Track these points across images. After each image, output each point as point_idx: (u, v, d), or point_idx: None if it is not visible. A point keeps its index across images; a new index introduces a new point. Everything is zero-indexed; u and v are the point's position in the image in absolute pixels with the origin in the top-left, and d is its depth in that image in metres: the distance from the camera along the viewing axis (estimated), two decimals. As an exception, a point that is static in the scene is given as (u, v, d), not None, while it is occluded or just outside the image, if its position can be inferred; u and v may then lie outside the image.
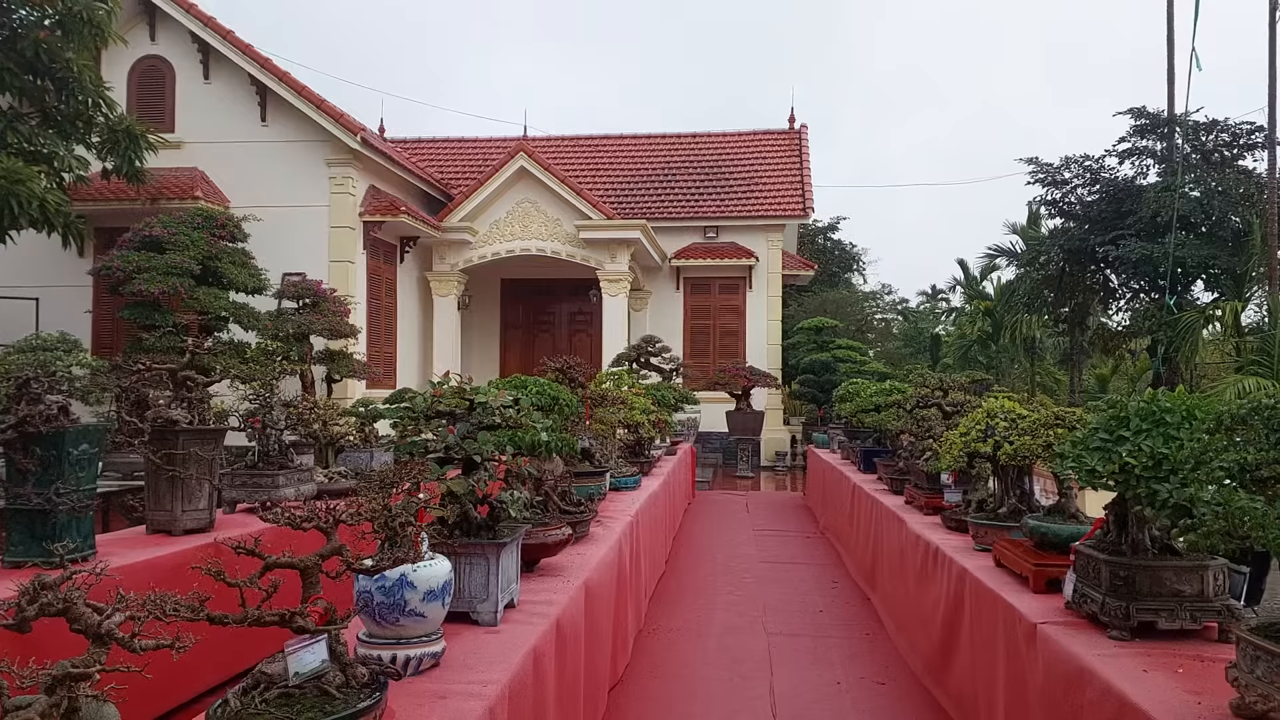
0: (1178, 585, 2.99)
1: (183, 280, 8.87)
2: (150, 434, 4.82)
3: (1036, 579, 3.63)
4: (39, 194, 10.07)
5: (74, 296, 14.29)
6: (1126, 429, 2.94)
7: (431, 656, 2.63)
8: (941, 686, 4.70)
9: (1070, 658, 2.89)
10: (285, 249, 13.91)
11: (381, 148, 15.98)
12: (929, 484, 6.00)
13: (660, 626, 6.19)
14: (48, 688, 1.37)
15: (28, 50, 10.34)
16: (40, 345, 6.79)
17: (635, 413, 8.32)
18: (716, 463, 17.96)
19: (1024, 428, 4.10)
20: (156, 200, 13.16)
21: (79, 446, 4.18)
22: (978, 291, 31.78)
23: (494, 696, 2.45)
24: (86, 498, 4.19)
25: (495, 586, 3.11)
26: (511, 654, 2.79)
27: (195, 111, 15.07)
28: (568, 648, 3.41)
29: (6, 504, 4.12)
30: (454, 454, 3.25)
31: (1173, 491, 2.63)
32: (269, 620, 1.87)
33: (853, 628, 6.22)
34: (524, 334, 20.58)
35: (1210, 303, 16.89)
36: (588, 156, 22.26)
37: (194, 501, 5.05)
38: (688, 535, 9.94)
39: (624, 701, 4.70)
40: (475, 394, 3.47)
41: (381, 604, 2.54)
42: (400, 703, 2.31)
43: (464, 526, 3.19)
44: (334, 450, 6.77)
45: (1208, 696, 2.42)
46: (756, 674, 5.18)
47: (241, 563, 2.07)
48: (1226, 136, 17.52)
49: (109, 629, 1.44)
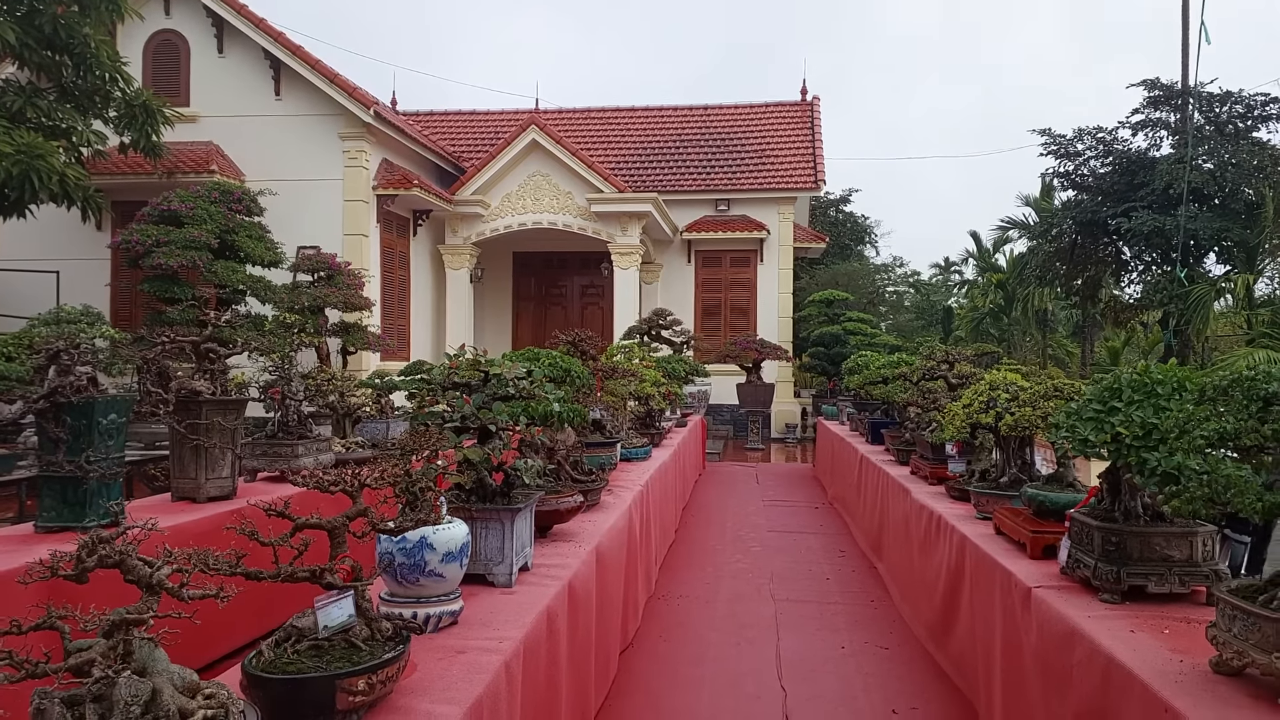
0: (1167, 550, 3.11)
1: (201, 254, 9.00)
2: (175, 404, 4.97)
3: (1034, 545, 3.75)
4: (59, 168, 10.21)
5: (92, 269, 14.48)
6: (1119, 400, 3.05)
7: (450, 614, 2.77)
8: (943, 651, 4.83)
9: (1062, 620, 3.01)
10: (299, 222, 14.05)
11: (394, 121, 16.05)
12: (934, 455, 6.10)
13: (670, 593, 6.34)
14: (106, 632, 1.50)
15: (46, 26, 10.44)
16: (65, 318, 6.95)
17: (646, 385, 8.44)
18: (727, 435, 18.09)
19: (1024, 399, 4.20)
20: (172, 174, 13.29)
21: (108, 416, 4.32)
22: (990, 264, 31.71)
23: (510, 652, 2.58)
24: (116, 465, 4.34)
25: (510, 550, 3.25)
26: (526, 613, 2.93)
27: (210, 86, 15.18)
28: (579, 609, 3.55)
29: (39, 471, 4.28)
30: (470, 423, 3.38)
31: (1161, 460, 2.73)
32: (301, 576, 2.00)
33: (859, 595, 6.35)
34: (536, 306, 20.69)
35: (1222, 275, 16.87)
36: (599, 129, 22.25)
37: (217, 470, 5.20)
38: (698, 505, 10.08)
39: (634, 663, 4.85)
40: (490, 366, 3.59)
41: (403, 564, 2.67)
42: (421, 657, 2.45)
43: (480, 493, 3.32)
44: (351, 421, 6.91)
45: (1190, 655, 2.53)
46: (763, 639, 5.33)
47: (271, 525, 2.20)
48: (1241, 108, 17.41)
49: (159, 579, 1.57)
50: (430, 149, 17.72)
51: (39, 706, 1.42)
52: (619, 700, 4.33)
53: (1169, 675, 2.41)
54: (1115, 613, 2.97)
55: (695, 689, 4.53)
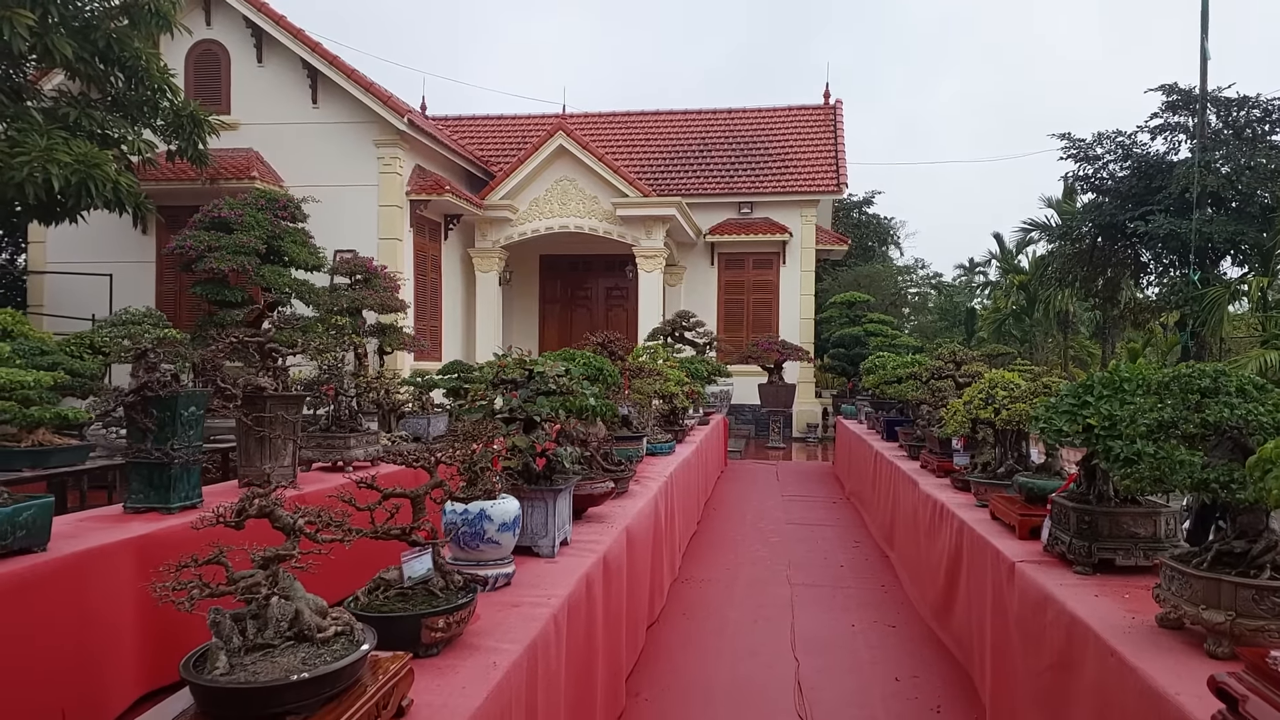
0: (1134, 528, 3.51)
1: (249, 258, 9.53)
2: (242, 399, 5.46)
3: (1021, 527, 4.16)
4: (113, 176, 10.78)
5: (136, 272, 15.09)
6: (1091, 395, 3.45)
7: (504, 577, 3.22)
8: (945, 629, 5.24)
9: (1039, 588, 3.42)
10: (335, 226, 14.59)
11: (426, 128, 16.58)
12: (941, 449, 6.51)
13: (692, 577, 6.78)
14: (261, 564, 1.96)
15: (100, 41, 11.02)
16: (129, 319, 7.47)
17: (670, 384, 8.88)
18: (749, 434, 18.50)
19: (1018, 396, 4.61)
20: (215, 180, 13.88)
21: (189, 409, 4.81)
22: (1013, 265, 31.94)
23: (557, 606, 3.03)
24: (196, 453, 4.83)
25: (553, 525, 3.70)
26: (568, 577, 3.38)
27: (249, 94, 15.76)
28: (612, 578, 4.00)
29: (128, 458, 4.77)
30: (517, 415, 3.83)
31: (1124, 447, 3.14)
32: (394, 533, 2.46)
33: (870, 580, 6.77)
34: (562, 308, 21.18)
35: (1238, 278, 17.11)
36: (624, 133, 22.72)
37: (280, 459, 5.68)
38: (719, 500, 10.51)
39: (660, 636, 5.30)
40: (534, 364, 4.05)
41: (465, 532, 3.12)
42: (483, 609, 2.90)
43: (526, 475, 3.77)
44: (395, 416, 7.39)
45: (1142, 614, 2.94)
46: (779, 617, 5.76)
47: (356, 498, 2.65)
48: (1258, 113, 17.64)
49: (300, 525, 2.03)
50: (460, 154, 18.24)
51: (215, 620, 1.87)
52: (646, 666, 4.78)
53: (1119, 629, 2.82)
54: (1085, 582, 3.38)
55: (715, 658, 4.97)
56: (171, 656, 4.15)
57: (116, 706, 3.97)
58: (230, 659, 1.84)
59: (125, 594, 4.05)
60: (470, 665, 2.45)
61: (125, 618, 4.04)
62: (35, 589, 3.58)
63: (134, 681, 4.11)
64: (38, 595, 3.58)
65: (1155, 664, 2.50)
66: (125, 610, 4.05)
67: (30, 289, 16.07)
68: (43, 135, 10.33)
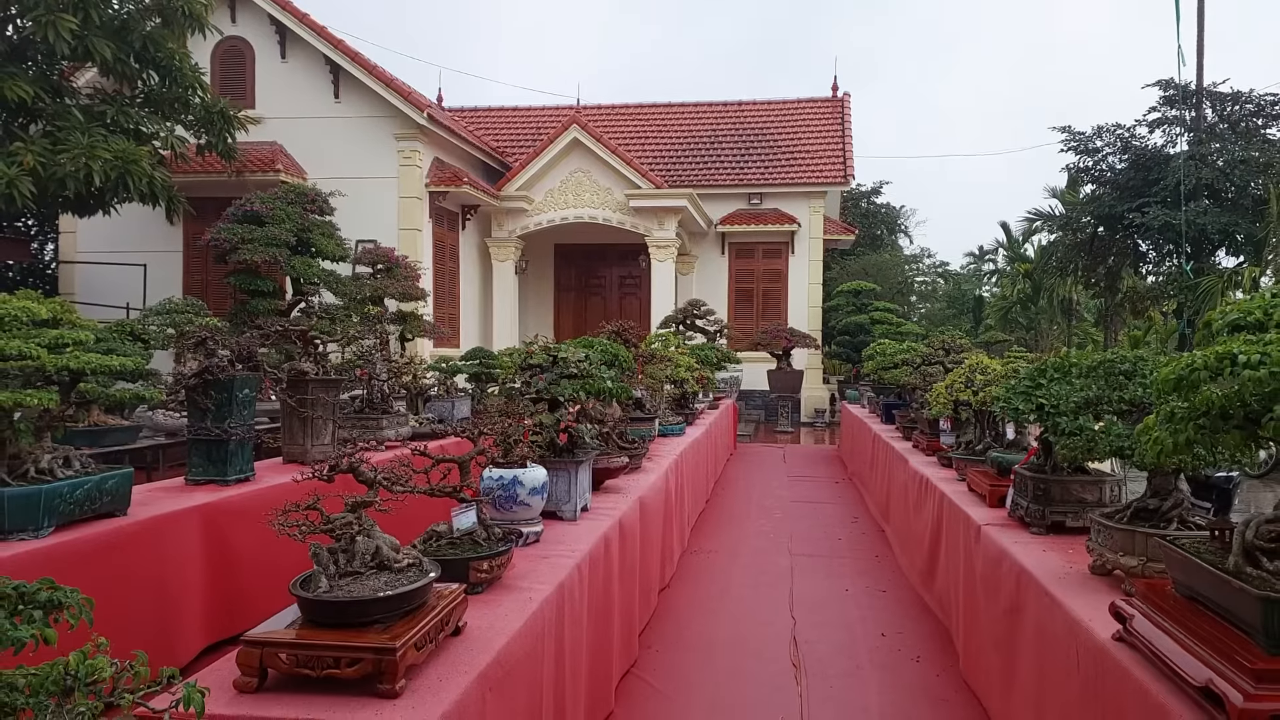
0: (1082, 495, 4.01)
1: (281, 250, 10.03)
2: (287, 382, 5.99)
3: (991, 496, 4.67)
4: (149, 171, 11.33)
5: (165, 261, 15.68)
6: (1044, 378, 3.95)
7: (535, 534, 3.74)
8: (929, 591, 5.75)
9: (998, 546, 3.92)
10: (356, 217, 15.08)
11: (444, 121, 17.08)
12: (930, 430, 7.00)
13: (700, 548, 7.30)
14: (350, 508, 2.47)
15: (136, 42, 11.54)
16: (174, 309, 7.98)
17: (681, 370, 9.39)
18: (758, 419, 19.00)
19: (990, 379, 5.10)
20: (240, 173, 14.42)
21: (243, 391, 5.34)
22: (1019, 254, 32.29)
23: (580, 558, 3.55)
24: (249, 431, 5.36)
25: (575, 493, 4.22)
26: (590, 535, 3.90)
27: (273, 89, 16.28)
28: (627, 540, 4.52)
29: (190, 436, 5.30)
30: (543, 395, 4.35)
31: (1068, 423, 3.64)
32: (446, 491, 2.97)
33: (865, 552, 7.28)
34: (576, 296, 21.69)
35: (1233, 269, 17.51)
36: (636, 125, 23.18)
37: (320, 438, 6.22)
38: (727, 480, 11.03)
39: (670, 599, 5.82)
40: (558, 351, 4.56)
41: (500, 495, 3.64)
42: (518, 560, 3.41)
43: (551, 449, 4.29)
44: (422, 399, 7.92)
45: (1078, 565, 3.44)
46: (779, 583, 6.28)
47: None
48: (1251, 107, 18.00)
49: (378, 478, 2.55)
50: (477, 146, 18.75)
51: (315, 552, 2.39)
52: (656, 625, 5.31)
53: (1057, 575, 3.32)
54: (1037, 540, 3.88)
55: (718, 618, 5.50)
56: (230, 612, 4.72)
57: (185, 656, 4.49)
58: (329, 581, 2.36)
59: (194, 554, 4.58)
60: (510, 599, 2.97)
61: (193, 575, 4.58)
62: (119, 549, 4.10)
63: (201, 632, 4.64)
64: (120, 554, 4.10)
65: (1079, 601, 3.00)
66: (194, 568, 4.58)
67: (61, 279, 16.68)
68: (84, 133, 10.87)
